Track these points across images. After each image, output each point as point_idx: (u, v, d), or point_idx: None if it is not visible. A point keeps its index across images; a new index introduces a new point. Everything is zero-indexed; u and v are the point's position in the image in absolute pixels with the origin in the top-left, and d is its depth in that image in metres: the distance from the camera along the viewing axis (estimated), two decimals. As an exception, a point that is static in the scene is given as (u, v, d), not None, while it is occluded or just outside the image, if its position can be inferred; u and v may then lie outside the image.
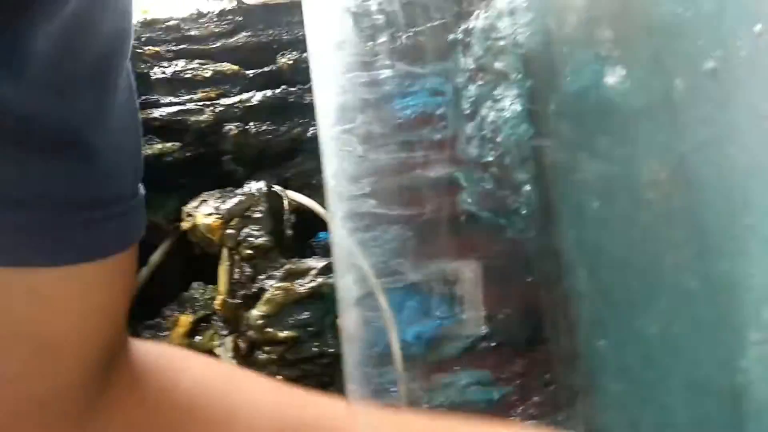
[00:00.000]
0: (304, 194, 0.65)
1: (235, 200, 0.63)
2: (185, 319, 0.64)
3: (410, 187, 0.55)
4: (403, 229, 0.44)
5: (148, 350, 0.42)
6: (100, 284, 0.35)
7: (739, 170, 0.45)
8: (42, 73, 0.28)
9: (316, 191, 0.65)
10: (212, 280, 0.64)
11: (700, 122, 0.49)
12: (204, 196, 0.62)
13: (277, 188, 0.63)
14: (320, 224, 0.64)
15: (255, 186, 0.62)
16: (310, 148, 0.66)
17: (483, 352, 0.59)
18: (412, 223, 0.46)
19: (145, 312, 0.65)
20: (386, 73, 0.45)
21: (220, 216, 0.63)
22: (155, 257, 0.65)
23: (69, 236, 0.31)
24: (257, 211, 0.61)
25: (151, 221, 0.70)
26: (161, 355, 0.43)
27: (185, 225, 0.63)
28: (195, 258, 0.65)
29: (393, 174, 0.43)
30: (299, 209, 0.63)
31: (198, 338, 0.63)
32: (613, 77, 0.59)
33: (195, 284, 0.65)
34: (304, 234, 0.64)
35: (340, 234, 0.37)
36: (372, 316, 0.38)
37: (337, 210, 0.38)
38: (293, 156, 0.67)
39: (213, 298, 0.62)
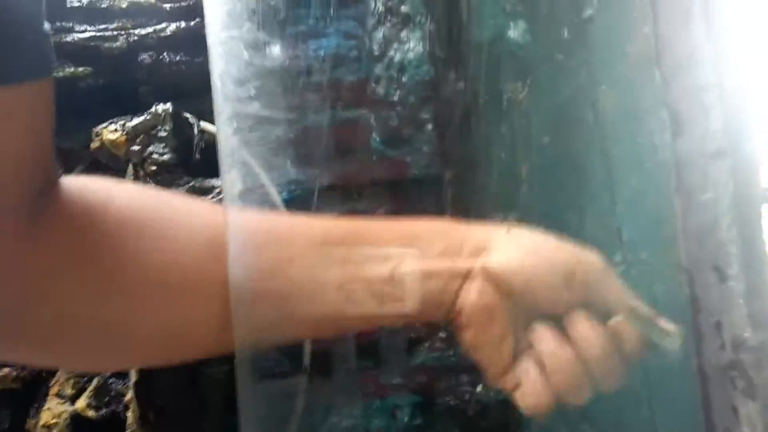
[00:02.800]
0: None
1: (141, 119, 0.65)
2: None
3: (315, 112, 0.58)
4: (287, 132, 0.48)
5: (72, 181, 0.43)
6: (24, 108, 0.36)
7: (609, 108, 0.50)
8: None
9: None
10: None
11: (580, 66, 0.54)
12: (114, 119, 0.64)
13: (188, 116, 0.64)
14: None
15: (162, 107, 0.63)
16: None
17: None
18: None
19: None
20: None
21: (125, 133, 0.64)
22: (68, 182, 0.66)
23: None
24: (163, 129, 0.63)
25: (64, 147, 0.71)
26: (88, 183, 0.44)
27: (94, 145, 0.65)
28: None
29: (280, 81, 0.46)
30: (210, 138, 0.65)
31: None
32: (516, 30, 0.63)
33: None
34: (214, 161, 0.66)
35: (225, 132, 0.40)
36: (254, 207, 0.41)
37: (223, 110, 0.41)
38: (208, 88, 0.69)
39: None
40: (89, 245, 0.41)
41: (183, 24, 0.68)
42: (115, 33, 0.67)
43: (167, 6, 0.71)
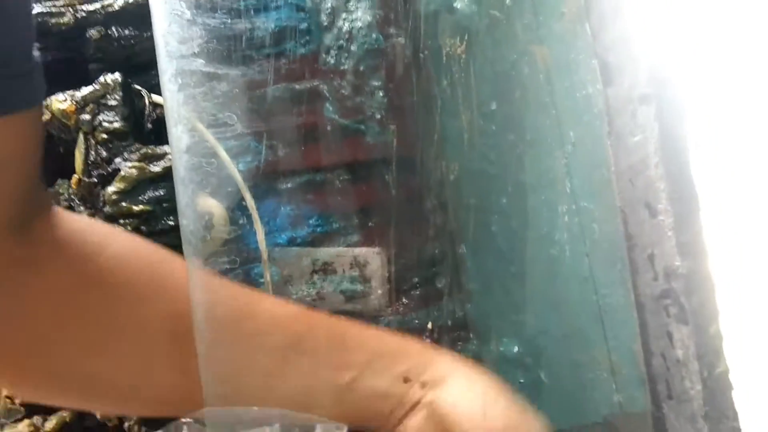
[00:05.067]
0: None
1: (90, 88, 0.65)
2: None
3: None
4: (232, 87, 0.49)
5: (73, 218, 0.44)
6: (10, 138, 0.37)
7: (548, 65, 0.52)
8: None
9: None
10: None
11: (522, 32, 0.56)
12: (63, 91, 0.64)
13: (139, 88, 0.65)
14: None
15: (110, 77, 0.63)
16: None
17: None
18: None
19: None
20: None
21: (74, 102, 0.64)
22: (19, 160, 0.66)
23: None
24: (113, 99, 0.64)
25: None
26: (88, 225, 0.45)
27: (44, 118, 0.63)
28: (59, 155, 0.66)
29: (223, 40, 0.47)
30: (161, 112, 0.66)
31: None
32: (461, 2, 0.65)
33: (60, 181, 0.67)
34: (165, 132, 0.67)
35: (170, 89, 0.41)
36: (201, 162, 0.42)
37: (167, 68, 0.42)
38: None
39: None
40: (81, 290, 0.41)
41: (131, -1, 0.68)
42: (62, 9, 0.67)
43: (114, -19, 0.71)
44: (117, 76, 0.64)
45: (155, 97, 0.66)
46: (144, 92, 0.65)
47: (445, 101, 0.65)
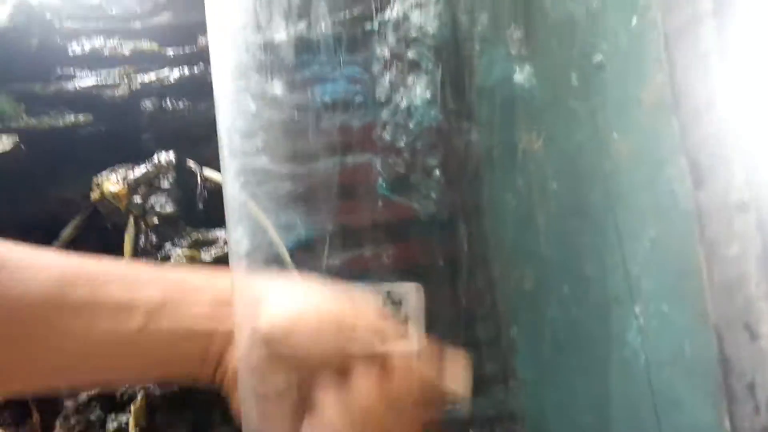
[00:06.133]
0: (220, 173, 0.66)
1: (143, 169, 0.63)
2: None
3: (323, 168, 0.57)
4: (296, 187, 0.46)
5: None
6: None
7: (619, 154, 0.49)
8: None
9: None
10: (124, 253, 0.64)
11: (591, 112, 0.53)
12: (115, 168, 0.62)
13: (191, 163, 0.63)
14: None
15: (164, 157, 0.62)
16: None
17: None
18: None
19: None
20: (281, 36, 0.46)
21: (126, 185, 0.63)
22: (67, 232, 0.65)
23: None
24: (166, 180, 0.62)
25: (63, 196, 0.70)
26: None
27: (94, 196, 0.63)
28: (107, 232, 0.64)
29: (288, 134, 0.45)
30: (214, 186, 0.64)
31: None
32: (522, 74, 0.63)
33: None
34: (218, 210, 0.65)
35: (232, 188, 0.38)
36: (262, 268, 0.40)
37: (230, 166, 0.40)
38: (211, 135, 0.68)
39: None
40: None
41: (186, 71, 0.68)
42: (118, 80, 0.66)
43: (170, 52, 0.71)
44: (171, 156, 0.63)
45: (207, 172, 0.64)
46: (195, 167, 0.64)
47: (507, 182, 0.62)
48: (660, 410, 0.43)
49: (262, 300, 0.39)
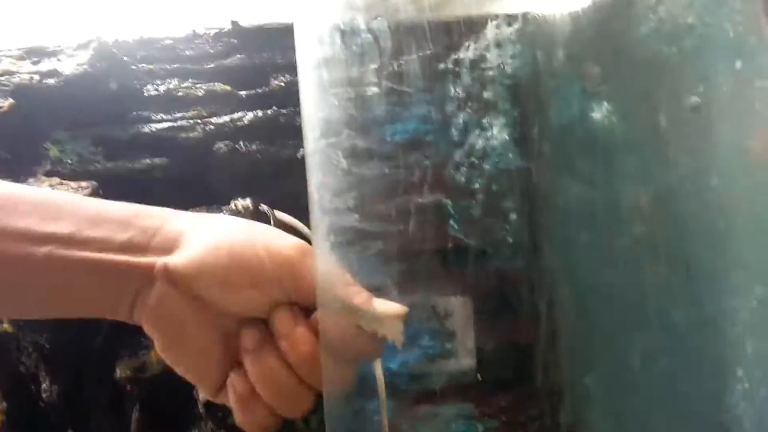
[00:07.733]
0: (291, 216, 0.65)
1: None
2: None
3: (397, 210, 0.55)
4: (387, 246, 0.45)
5: None
6: None
7: (721, 203, 0.46)
8: None
9: (304, 213, 0.66)
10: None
11: (683, 155, 0.50)
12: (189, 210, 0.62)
13: (263, 207, 0.63)
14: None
15: (241, 203, 0.62)
16: (299, 169, 0.67)
17: (468, 384, 0.59)
18: (396, 244, 0.47)
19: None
20: (373, 90, 0.45)
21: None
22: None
23: None
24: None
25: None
26: None
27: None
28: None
29: (378, 191, 0.44)
30: (285, 229, 0.63)
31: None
32: (599, 112, 0.60)
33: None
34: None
35: (323, 249, 0.37)
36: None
37: (320, 224, 0.39)
38: (282, 177, 0.67)
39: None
40: None
41: (260, 112, 0.68)
42: (192, 123, 0.67)
43: (243, 94, 0.71)
44: (248, 202, 0.63)
45: (277, 213, 0.64)
46: (269, 211, 0.63)
47: (590, 223, 0.59)
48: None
49: (180, 238, 0.38)
